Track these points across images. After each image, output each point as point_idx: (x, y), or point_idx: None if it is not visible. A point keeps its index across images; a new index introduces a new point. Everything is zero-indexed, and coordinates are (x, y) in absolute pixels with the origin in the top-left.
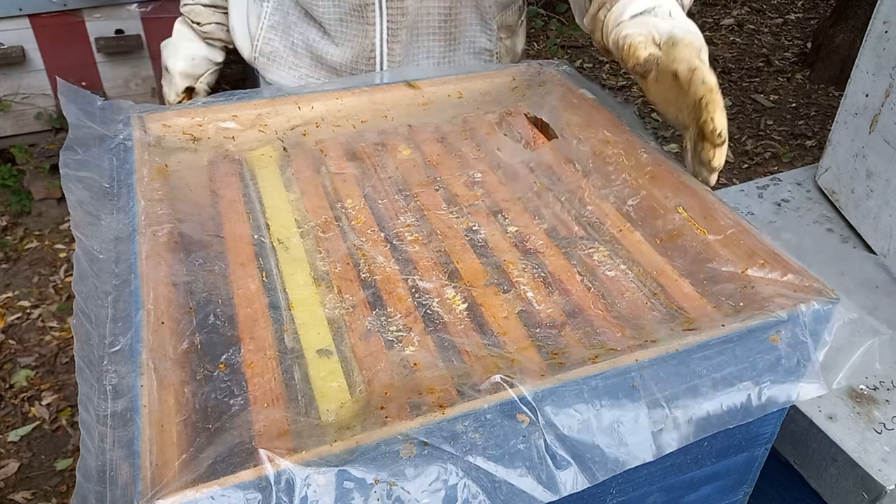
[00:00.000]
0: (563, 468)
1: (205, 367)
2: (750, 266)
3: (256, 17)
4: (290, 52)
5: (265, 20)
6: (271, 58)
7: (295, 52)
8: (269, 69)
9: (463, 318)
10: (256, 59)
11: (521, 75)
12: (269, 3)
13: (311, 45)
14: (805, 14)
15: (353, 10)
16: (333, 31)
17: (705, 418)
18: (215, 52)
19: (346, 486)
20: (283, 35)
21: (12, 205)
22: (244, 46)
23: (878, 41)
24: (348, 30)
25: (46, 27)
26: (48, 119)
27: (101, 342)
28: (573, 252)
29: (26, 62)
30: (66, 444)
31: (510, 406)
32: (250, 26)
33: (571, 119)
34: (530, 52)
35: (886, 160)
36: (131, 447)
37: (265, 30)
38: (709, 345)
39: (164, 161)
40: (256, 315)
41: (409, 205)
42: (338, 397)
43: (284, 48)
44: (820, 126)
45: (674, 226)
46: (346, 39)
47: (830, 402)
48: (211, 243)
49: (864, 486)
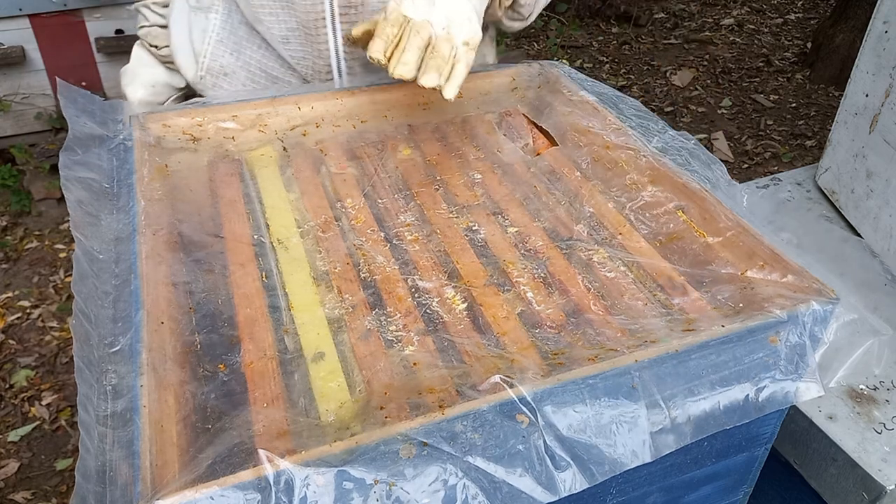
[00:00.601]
0: (562, 468)
1: (204, 367)
2: (750, 267)
3: (201, 31)
4: (244, 71)
5: (212, 34)
6: (220, 76)
7: (248, 71)
8: (219, 88)
9: (463, 318)
10: (203, 77)
11: (521, 75)
12: (217, 15)
13: (265, 65)
14: (805, 14)
15: (300, 25)
16: (282, 50)
17: (704, 418)
18: (177, 77)
19: (345, 487)
20: (235, 51)
21: (12, 205)
22: (187, 66)
23: (878, 41)
24: (299, 47)
25: (46, 27)
26: (48, 119)
27: (100, 342)
28: (573, 253)
29: (26, 62)
30: (66, 444)
31: (510, 406)
32: (194, 42)
33: (572, 121)
34: (530, 52)
35: (886, 160)
36: (131, 447)
37: (213, 45)
38: (708, 345)
39: (164, 161)
40: (256, 315)
41: (408, 205)
42: (337, 397)
43: (237, 66)
44: (820, 126)
45: (674, 227)
46: (299, 60)
47: (830, 403)
48: (211, 243)
49: (864, 486)
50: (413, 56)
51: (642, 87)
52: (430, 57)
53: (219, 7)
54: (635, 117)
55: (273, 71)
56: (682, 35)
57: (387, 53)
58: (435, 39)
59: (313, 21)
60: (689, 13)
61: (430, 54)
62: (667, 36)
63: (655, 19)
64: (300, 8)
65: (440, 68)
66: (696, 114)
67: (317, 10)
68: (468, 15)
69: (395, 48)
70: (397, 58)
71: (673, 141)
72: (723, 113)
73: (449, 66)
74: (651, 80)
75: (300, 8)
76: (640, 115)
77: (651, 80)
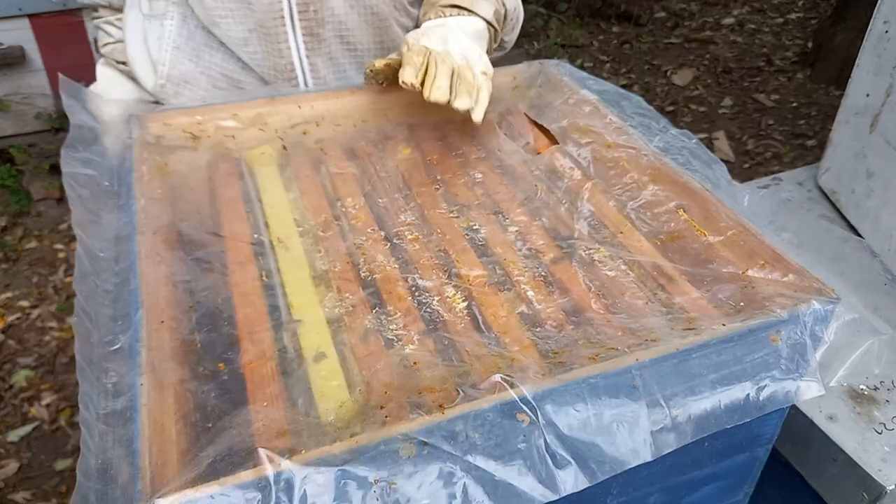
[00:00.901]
0: (563, 468)
1: (204, 366)
2: (750, 266)
3: (157, 39)
4: (204, 77)
5: (168, 41)
6: (181, 83)
7: (209, 76)
8: (180, 96)
9: (463, 318)
10: (164, 86)
11: (521, 75)
12: (172, 21)
13: (225, 69)
14: (806, 14)
15: (259, 25)
16: (242, 52)
17: (705, 417)
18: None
19: (345, 486)
20: (194, 58)
21: (12, 205)
22: (146, 75)
23: (878, 41)
24: (259, 49)
25: (46, 27)
26: (48, 119)
27: (101, 341)
28: (574, 252)
29: (26, 62)
30: (66, 444)
31: (510, 406)
32: (151, 51)
33: (573, 120)
34: (530, 52)
35: (887, 160)
36: (131, 446)
37: (170, 52)
38: (709, 344)
39: (163, 160)
40: (256, 314)
41: (409, 204)
42: (337, 397)
43: (196, 72)
44: (821, 126)
45: (675, 226)
46: (259, 61)
47: (831, 403)
48: (210, 242)
49: (864, 486)
50: (445, 81)
51: (643, 86)
52: (459, 82)
53: (173, 13)
54: (637, 115)
55: (234, 74)
56: (682, 34)
57: (419, 78)
58: (458, 68)
59: (272, 20)
60: (689, 12)
61: (458, 80)
62: (667, 35)
63: (656, 18)
64: (258, 7)
65: (469, 92)
66: (697, 113)
67: (275, 9)
68: (479, 52)
69: (425, 74)
70: (430, 83)
71: (674, 140)
72: (724, 112)
73: (475, 91)
74: (652, 79)
75: (258, 7)
76: (642, 113)
77: (652, 80)
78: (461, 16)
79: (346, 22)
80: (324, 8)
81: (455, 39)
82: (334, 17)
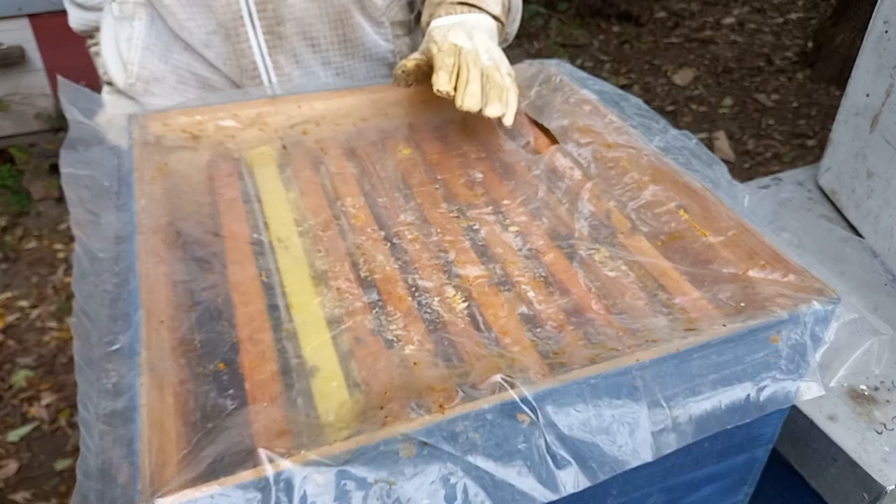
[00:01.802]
0: (563, 468)
1: (204, 366)
2: (751, 267)
3: (126, 39)
4: (173, 75)
5: (137, 42)
6: (151, 82)
7: (178, 75)
8: (150, 94)
9: (463, 318)
10: (133, 85)
11: (521, 75)
12: (141, 22)
13: (193, 68)
14: (806, 14)
15: (220, 26)
16: (206, 53)
17: (706, 418)
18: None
19: (345, 486)
20: (162, 57)
21: (11, 205)
22: (118, 75)
23: (878, 41)
24: (222, 49)
25: (46, 27)
26: (48, 119)
27: (100, 341)
28: (574, 252)
29: (26, 62)
30: (66, 444)
31: (510, 406)
32: (121, 51)
33: (573, 120)
34: (530, 52)
35: (887, 160)
36: (131, 446)
37: (140, 52)
38: (710, 345)
39: (163, 159)
40: (255, 314)
41: (408, 204)
42: (337, 397)
43: (165, 71)
44: (821, 126)
45: (675, 227)
46: (224, 61)
47: (831, 403)
48: (210, 242)
49: (865, 486)
50: (478, 88)
51: (643, 86)
52: (490, 87)
53: (142, 14)
54: (637, 116)
55: (201, 72)
56: (683, 34)
57: (451, 84)
58: (486, 69)
59: (231, 20)
60: (689, 12)
61: (488, 84)
62: (668, 35)
63: (656, 18)
64: (217, 9)
65: (500, 97)
66: (697, 113)
67: (233, 10)
68: (500, 51)
69: (457, 79)
70: (463, 89)
71: (674, 140)
72: (724, 112)
73: (505, 94)
74: (652, 79)
75: (217, 9)
76: (641, 113)
77: (652, 80)
78: (472, 13)
79: (305, 18)
80: (282, 5)
81: (480, 38)
82: (293, 14)
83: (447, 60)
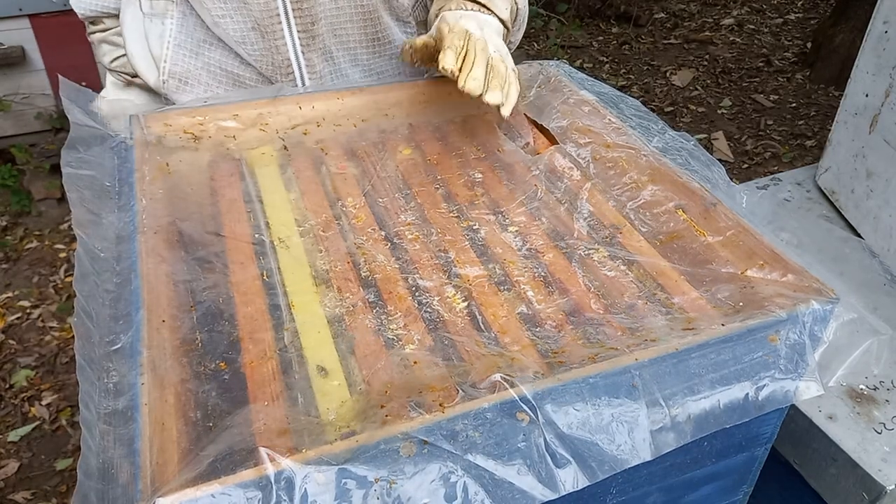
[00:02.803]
0: (563, 467)
1: (205, 365)
2: (750, 266)
3: (158, 37)
4: (205, 72)
5: (170, 39)
6: (183, 79)
7: (209, 72)
8: (183, 92)
9: (463, 317)
10: (166, 82)
11: (521, 75)
12: (173, 21)
13: (225, 65)
14: (805, 14)
15: (256, 24)
16: (241, 50)
17: (704, 417)
18: (158, 100)
19: (346, 485)
20: (194, 54)
21: (12, 205)
22: (148, 72)
23: (878, 41)
24: (257, 46)
25: (46, 27)
26: (48, 119)
27: (101, 340)
28: (573, 252)
29: (26, 62)
30: (66, 444)
31: (510, 405)
32: (152, 49)
33: (572, 120)
34: (530, 52)
35: (886, 160)
36: (132, 445)
37: (172, 49)
38: (708, 344)
39: (164, 160)
40: (256, 314)
41: (409, 204)
42: (338, 396)
43: (198, 68)
44: (820, 126)
45: (674, 227)
46: (258, 58)
47: (830, 402)
48: (211, 242)
49: (864, 486)
50: (482, 72)
51: (642, 87)
52: (493, 76)
53: (173, 12)
54: (635, 117)
55: (234, 69)
56: (682, 35)
57: (457, 65)
58: (492, 59)
59: (268, 18)
60: (689, 13)
61: (492, 73)
62: (667, 36)
63: (655, 19)
64: (254, 7)
65: (502, 87)
66: (696, 114)
67: (270, 8)
68: (506, 49)
69: (463, 61)
70: (467, 72)
71: (673, 141)
72: (723, 113)
73: (507, 85)
74: (651, 80)
75: (254, 7)
76: (639, 115)
77: (651, 80)
78: (482, 12)
79: (337, 17)
80: (316, 5)
81: (489, 32)
82: (325, 13)
83: (456, 42)
